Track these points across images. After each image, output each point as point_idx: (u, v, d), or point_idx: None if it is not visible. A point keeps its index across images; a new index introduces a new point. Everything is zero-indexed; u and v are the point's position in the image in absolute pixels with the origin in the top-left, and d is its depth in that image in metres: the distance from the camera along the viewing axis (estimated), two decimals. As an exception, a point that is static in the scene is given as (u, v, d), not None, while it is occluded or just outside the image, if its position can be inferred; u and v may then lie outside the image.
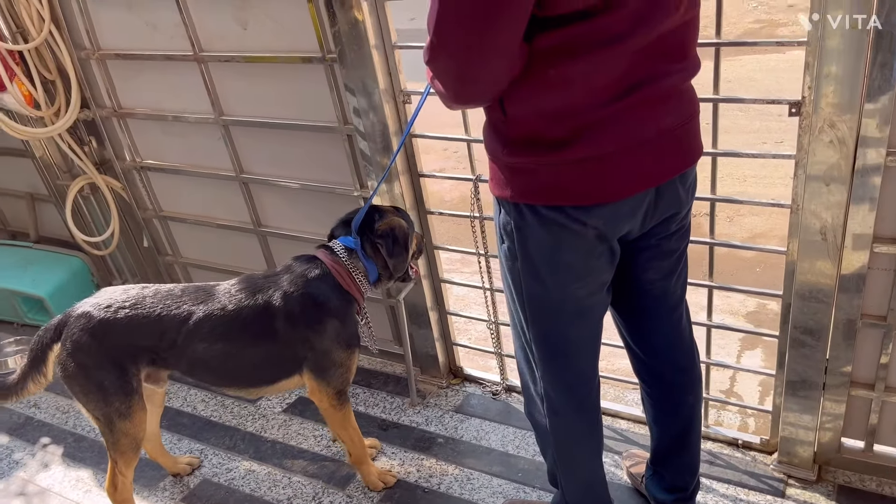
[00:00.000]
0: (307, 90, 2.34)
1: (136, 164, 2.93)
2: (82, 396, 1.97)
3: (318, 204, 2.60)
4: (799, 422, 2.04)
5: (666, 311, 1.70)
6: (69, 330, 1.95)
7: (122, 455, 2.03)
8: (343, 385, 2.07)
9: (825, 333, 1.88)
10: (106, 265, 3.40)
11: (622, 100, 1.29)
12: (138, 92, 2.76)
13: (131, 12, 2.54)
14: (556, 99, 1.29)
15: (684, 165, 1.44)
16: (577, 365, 1.64)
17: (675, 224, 1.55)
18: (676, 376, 1.80)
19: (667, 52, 1.31)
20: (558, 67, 1.25)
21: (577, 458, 1.77)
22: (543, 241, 1.44)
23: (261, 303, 1.97)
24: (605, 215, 1.39)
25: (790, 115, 1.69)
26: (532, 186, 1.38)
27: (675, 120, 1.37)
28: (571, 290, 1.50)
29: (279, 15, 2.25)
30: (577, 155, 1.32)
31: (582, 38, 1.22)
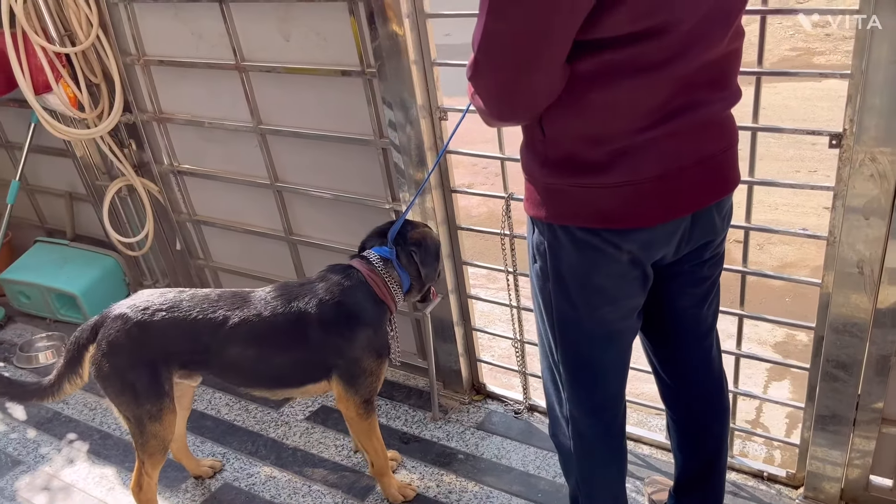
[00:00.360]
0: (345, 102, 2.37)
1: (174, 167, 2.99)
2: (115, 397, 2.00)
3: (349, 215, 2.62)
4: (827, 457, 2.01)
5: (696, 338, 1.69)
6: (105, 330, 1.98)
7: (150, 456, 2.05)
8: (370, 394, 2.09)
9: (858, 368, 1.86)
10: (138, 266, 3.46)
11: (662, 126, 1.29)
12: (179, 98, 2.82)
13: (177, 20, 2.60)
14: (596, 122, 1.29)
15: (721, 193, 1.44)
16: (605, 389, 1.63)
17: (710, 251, 1.54)
18: (704, 405, 1.78)
19: (709, 81, 1.31)
20: (600, 91, 1.25)
21: (601, 482, 1.75)
22: (576, 264, 1.44)
23: (296, 310, 1.99)
24: (640, 240, 1.39)
25: (830, 147, 1.68)
26: (568, 208, 1.38)
27: (714, 148, 1.38)
28: (602, 314, 1.50)
29: (321, 28, 2.29)
30: (615, 179, 1.32)
31: (625, 63, 1.22)
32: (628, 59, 1.22)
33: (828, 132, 1.68)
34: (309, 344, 2.00)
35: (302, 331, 1.99)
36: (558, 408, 1.69)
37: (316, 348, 2.01)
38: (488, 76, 1.27)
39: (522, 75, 1.22)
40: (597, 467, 1.73)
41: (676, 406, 1.82)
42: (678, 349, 1.71)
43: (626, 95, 1.26)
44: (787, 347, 3.11)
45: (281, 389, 2.14)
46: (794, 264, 3.77)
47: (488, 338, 2.93)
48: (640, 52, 1.21)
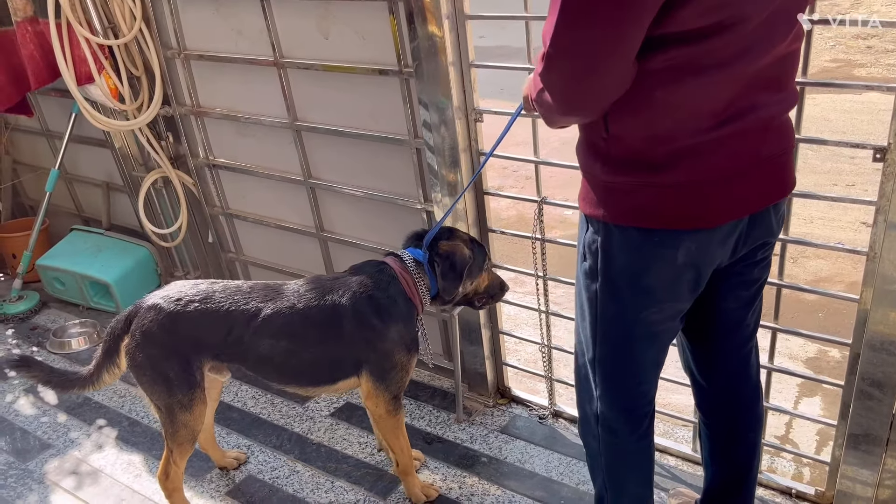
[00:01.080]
0: (381, 102, 2.39)
1: (209, 161, 3.03)
2: (148, 386, 2.03)
3: (380, 214, 2.64)
4: (858, 476, 1.97)
5: (737, 343, 1.68)
6: (139, 321, 2.01)
7: (178, 446, 2.08)
8: (399, 389, 2.09)
9: (893, 388, 1.81)
10: (171, 257, 3.51)
11: (724, 127, 1.29)
12: (217, 92, 2.85)
13: (218, 16, 2.63)
14: (661, 121, 1.29)
15: (779, 195, 1.44)
16: (639, 388, 1.63)
17: (762, 253, 1.54)
18: (739, 412, 1.76)
19: (769, 82, 1.31)
20: (667, 89, 1.26)
21: (628, 482, 1.75)
22: (629, 264, 1.44)
23: (329, 303, 2.01)
24: (697, 241, 1.39)
25: (874, 161, 1.65)
26: (626, 207, 1.39)
27: (773, 150, 1.38)
28: (647, 315, 1.50)
29: (360, 26, 2.31)
30: (677, 179, 1.32)
31: (692, 60, 1.23)
32: (695, 56, 1.23)
33: (872, 146, 1.65)
34: (341, 336, 2.01)
35: (335, 323, 2.00)
36: (589, 406, 1.69)
37: (347, 341, 2.02)
38: (559, 72, 1.27)
39: (592, 72, 1.23)
40: (625, 467, 1.73)
41: (711, 412, 1.80)
42: (718, 352, 1.71)
43: (691, 93, 1.26)
44: (818, 363, 3.06)
45: (314, 387, 2.13)
46: (829, 279, 3.70)
47: (514, 342, 2.92)
48: (707, 49, 1.22)
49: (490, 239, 2.44)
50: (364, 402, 2.13)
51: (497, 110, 2.27)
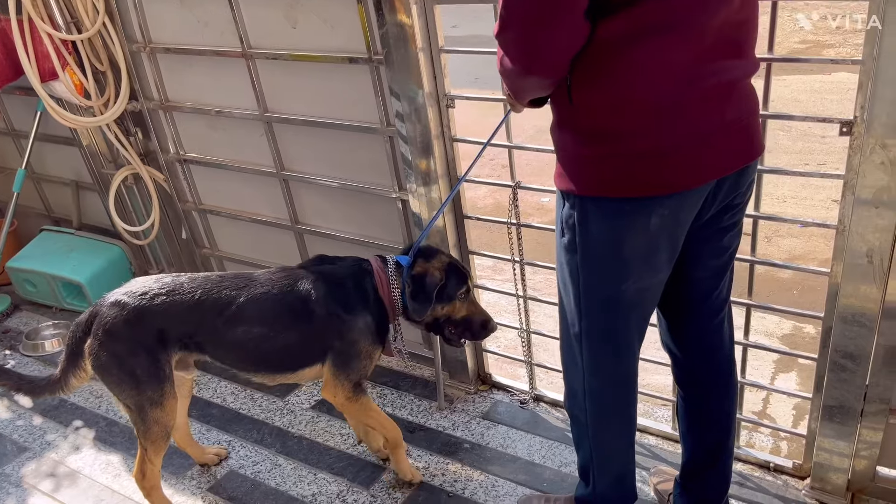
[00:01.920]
0: (351, 90, 2.37)
1: (180, 156, 2.99)
2: (115, 386, 2.01)
3: (355, 203, 2.62)
4: (834, 448, 2.00)
5: (710, 313, 1.71)
6: (101, 320, 1.98)
7: (152, 443, 2.06)
8: (359, 377, 2.10)
9: (866, 359, 1.84)
10: (144, 255, 3.46)
11: (687, 91, 1.32)
12: (186, 86, 2.81)
13: (184, 7, 2.59)
14: (623, 86, 1.31)
15: (747, 159, 1.46)
16: (624, 358, 1.66)
17: (729, 218, 1.56)
18: (714, 381, 1.80)
19: (728, 47, 1.34)
20: (625, 53, 1.28)
21: (614, 449, 1.79)
22: (606, 235, 1.46)
23: (303, 289, 2.03)
24: (669, 206, 1.41)
25: (841, 135, 1.67)
26: (598, 178, 1.41)
27: (737, 114, 1.40)
28: (628, 285, 1.52)
29: (328, 15, 2.28)
30: (644, 146, 1.35)
31: (646, 23, 1.25)
32: (649, 17, 1.25)
33: (838, 119, 1.67)
34: (312, 321, 2.02)
35: (308, 308, 2.02)
36: (576, 380, 1.72)
37: (318, 327, 2.03)
38: (515, 29, 1.29)
39: (542, 26, 1.25)
40: (611, 437, 1.77)
41: (687, 383, 1.83)
42: (692, 323, 1.74)
43: (650, 56, 1.28)
44: (794, 339, 3.10)
45: (281, 374, 2.13)
46: (802, 257, 3.75)
47: (494, 328, 2.92)
48: (660, 7, 1.24)
49: (466, 226, 2.44)
50: (322, 393, 2.13)
51: (469, 96, 2.26)
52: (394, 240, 2.57)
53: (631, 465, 1.84)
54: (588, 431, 1.76)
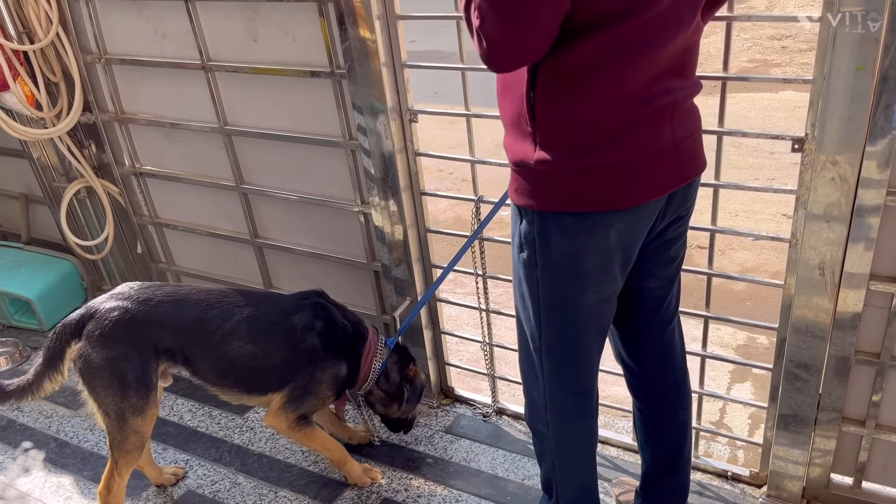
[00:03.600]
0: (314, 103, 2.35)
1: (135, 169, 2.93)
2: (101, 390, 1.98)
3: (316, 217, 2.60)
4: (789, 456, 2.05)
5: (661, 323, 1.76)
6: (98, 322, 1.98)
7: (126, 454, 2.03)
8: (308, 412, 2.18)
9: (819, 369, 1.90)
10: (97, 270, 3.38)
11: (644, 109, 1.38)
12: (142, 98, 2.76)
13: (141, 18, 2.55)
14: (589, 106, 1.36)
15: (695, 173, 1.54)
16: (585, 370, 1.68)
17: (676, 230, 1.62)
18: (668, 391, 1.84)
19: (676, 70, 1.42)
20: (592, 77, 1.33)
21: (576, 464, 1.81)
22: (565, 249, 1.49)
23: (305, 321, 2.12)
24: (626, 220, 1.46)
25: (793, 151, 1.72)
26: (558, 193, 1.43)
27: (685, 131, 1.47)
28: (588, 297, 1.55)
29: (290, 28, 2.27)
30: (604, 161, 1.39)
31: (613, 46, 1.30)
32: (615, 41, 1.30)
33: (790, 136, 1.73)
34: (296, 353, 2.10)
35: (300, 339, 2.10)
36: (537, 394, 1.73)
37: (298, 359, 2.10)
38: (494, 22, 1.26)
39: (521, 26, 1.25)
40: (573, 449, 1.79)
41: (642, 394, 1.87)
42: (644, 333, 1.78)
43: (615, 79, 1.34)
44: (748, 350, 3.17)
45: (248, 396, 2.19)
46: (755, 269, 3.86)
47: (456, 341, 2.92)
48: (625, 33, 1.29)
49: (429, 239, 2.44)
50: (265, 419, 2.17)
51: (432, 110, 2.28)
52: (355, 253, 2.56)
53: (593, 476, 1.86)
54: (550, 444, 1.77)
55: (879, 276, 1.75)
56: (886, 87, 1.52)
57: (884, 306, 1.78)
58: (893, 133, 1.55)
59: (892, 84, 1.51)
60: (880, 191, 1.62)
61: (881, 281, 1.75)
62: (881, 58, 1.50)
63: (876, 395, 1.88)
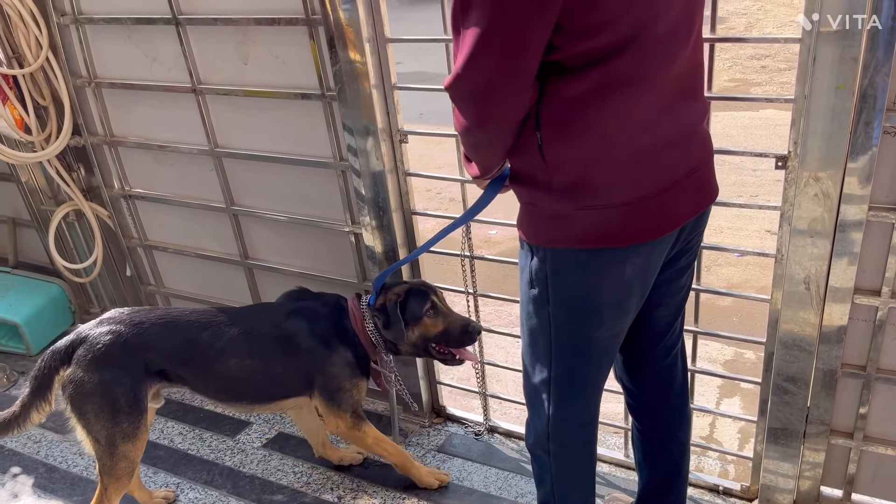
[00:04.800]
0: (304, 125, 2.38)
1: (125, 192, 2.93)
2: (91, 416, 1.97)
3: (307, 238, 2.61)
4: (779, 469, 2.07)
5: (665, 349, 1.75)
6: (89, 347, 1.98)
7: (116, 480, 2.02)
8: (352, 407, 2.18)
9: (806, 382, 1.93)
10: (85, 293, 3.36)
11: (654, 140, 1.36)
12: (132, 121, 2.77)
13: (131, 42, 2.57)
14: (595, 141, 1.33)
15: (707, 202, 1.53)
16: (592, 401, 1.68)
17: (686, 259, 1.62)
18: (669, 413, 1.83)
19: (684, 93, 1.39)
20: (594, 110, 1.31)
21: (576, 489, 1.80)
22: (580, 286, 1.47)
23: (289, 326, 2.13)
24: (642, 254, 1.44)
25: (776, 168, 1.76)
26: (572, 232, 1.41)
27: (699, 160, 1.46)
28: (601, 332, 1.54)
29: (280, 51, 2.30)
30: (619, 198, 1.37)
31: (614, 79, 1.28)
32: (614, 73, 1.28)
33: (774, 154, 1.77)
34: (293, 356, 2.13)
35: (291, 343, 2.12)
36: (541, 424, 1.70)
37: (298, 361, 2.13)
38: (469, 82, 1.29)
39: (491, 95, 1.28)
40: (573, 476, 1.77)
41: (643, 415, 1.87)
42: (648, 358, 1.77)
43: (620, 110, 1.31)
44: (735, 365, 3.20)
45: (259, 405, 2.22)
46: (740, 285, 3.90)
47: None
48: (621, 64, 1.27)
49: (419, 259, 2.45)
50: (326, 427, 2.25)
51: (422, 131, 2.30)
52: (346, 274, 2.57)
53: (592, 499, 1.84)
54: (551, 470, 1.76)
55: (863, 289, 1.78)
56: (866, 104, 1.56)
57: (868, 319, 1.82)
58: (874, 149, 1.60)
59: (872, 102, 1.56)
60: (862, 206, 1.66)
61: (865, 294, 1.78)
62: (860, 76, 1.54)
63: (863, 408, 1.91)
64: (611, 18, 1.22)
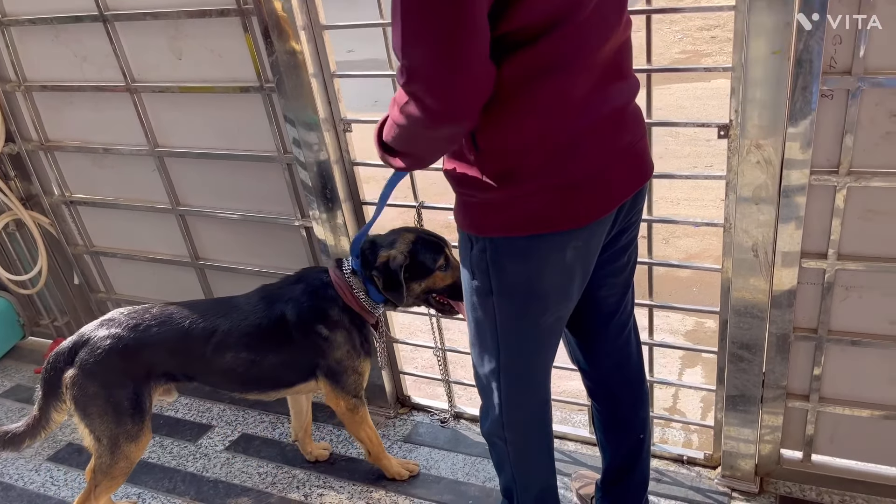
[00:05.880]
0: (245, 119, 2.32)
1: (66, 198, 2.84)
2: (96, 417, 1.97)
3: (257, 235, 2.56)
4: (739, 435, 2.09)
5: (617, 328, 1.75)
6: (91, 350, 1.96)
7: (111, 479, 2.02)
8: (356, 390, 2.17)
9: (761, 348, 1.94)
10: (33, 304, 3.26)
11: (586, 121, 1.33)
12: (68, 124, 2.68)
13: (59, 43, 2.47)
14: (526, 126, 1.31)
15: (643, 181, 1.51)
16: (542, 384, 1.67)
17: (627, 237, 1.60)
18: (626, 392, 1.84)
19: (613, 72, 1.37)
20: (525, 92, 1.27)
21: (534, 472, 1.80)
22: (522, 273, 1.45)
23: (278, 313, 2.07)
24: (582, 238, 1.42)
25: (719, 138, 1.76)
26: (509, 219, 1.39)
27: (632, 138, 1.44)
28: (546, 318, 1.53)
29: (215, 44, 2.23)
30: (553, 182, 1.34)
31: (542, 60, 1.25)
32: (544, 54, 1.25)
33: (716, 124, 1.76)
34: (292, 344, 2.08)
35: (285, 332, 2.06)
36: (494, 412, 1.69)
37: (298, 348, 2.08)
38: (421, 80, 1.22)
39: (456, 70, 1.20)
40: (531, 460, 1.77)
41: (601, 397, 1.86)
42: (600, 339, 1.77)
43: (550, 92, 1.28)
44: (697, 335, 3.24)
45: (275, 391, 2.19)
46: (699, 255, 3.94)
47: (410, 349, 2.91)
48: (552, 44, 1.24)
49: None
50: (325, 401, 2.20)
51: (365, 119, 2.25)
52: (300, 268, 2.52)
53: (552, 480, 1.84)
54: (509, 457, 1.75)
55: (810, 253, 1.80)
56: (802, 69, 1.56)
57: (817, 283, 1.83)
58: (812, 114, 1.60)
59: (808, 66, 1.55)
60: (804, 170, 1.67)
61: (812, 258, 1.79)
62: (795, 41, 1.54)
63: (817, 368, 1.93)
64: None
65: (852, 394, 1.96)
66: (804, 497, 2.08)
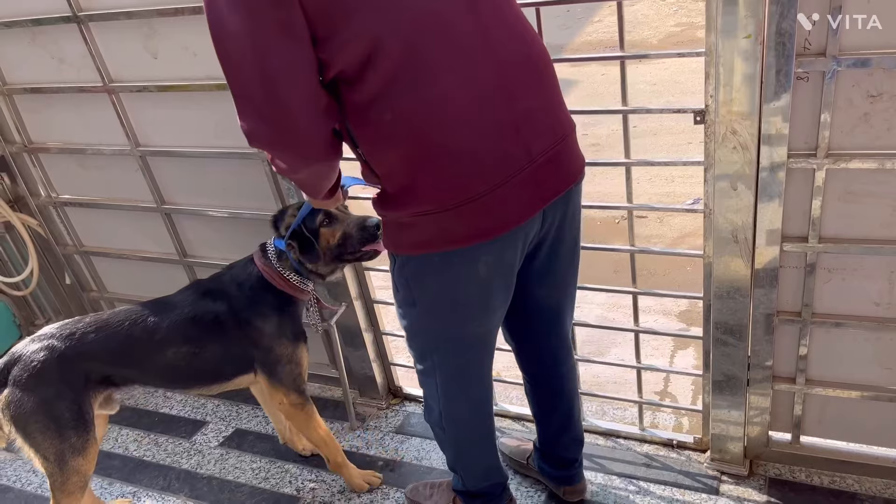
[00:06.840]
0: (223, 116, 2.30)
1: (53, 199, 2.84)
2: (38, 435, 1.92)
3: (243, 230, 2.55)
4: (728, 418, 2.09)
5: (557, 327, 1.79)
6: (24, 366, 1.92)
7: (69, 495, 1.98)
8: (296, 382, 2.11)
9: (745, 331, 1.93)
10: (28, 305, 3.27)
11: (480, 134, 1.30)
12: (50, 126, 2.67)
13: (36, 45, 2.45)
14: (403, 144, 1.30)
15: (566, 185, 1.46)
16: (479, 384, 1.71)
17: (558, 240, 1.57)
18: (555, 368, 1.89)
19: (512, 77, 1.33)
20: (387, 112, 1.26)
21: (475, 458, 1.86)
22: (439, 288, 1.48)
23: (210, 305, 2.06)
24: (492, 251, 1.41)
25: (695, 124, 1.74)
26: (418, 237, 1.41)
27: (545, 144, 1.38)
28: (472, 328, 1.56)
29: (190, 42, 2.21)
30: (458, 197, 1.33)
31: (381, 83, 1.25)
32: (380, 80, 1.25)
33: (692, 109, 1.74)
34: (227, 335, 2.06)
35: (217, 323, 2.05)
36: (434, 403, 1.76)
37: (233, 339, 2.07)
38: (257, 139, 1.32)
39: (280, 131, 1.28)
40: (471, 448, 1.84)
41: (534, 381, 1.95)
42: (538, 340, 1.82)
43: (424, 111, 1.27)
44: (690, 315, 3.22)
45: (217, 384, 2.15)
46: (693, 233, 3.91)
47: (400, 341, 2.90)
48: (395, 62, 1.24)
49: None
50: (271, 401, 2.18)
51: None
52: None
53: (494, 460, 1.90)
54: (449, 442, 1.83)
55: (791, 236, 1.78)
56: (776, 52, 1.53)
57: (799, 266, 1.82)
58: (787, 97, 1.57)
59: (781, 49, 1.53)
60: (782, 154, 1.65)
61: (793, 241, 1.78)
62: (767, 24, 1.51)
63: (802, 350, 1.92)
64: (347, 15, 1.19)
65: (839, 375, 1.95)
66: (794, 478, 2.08)
